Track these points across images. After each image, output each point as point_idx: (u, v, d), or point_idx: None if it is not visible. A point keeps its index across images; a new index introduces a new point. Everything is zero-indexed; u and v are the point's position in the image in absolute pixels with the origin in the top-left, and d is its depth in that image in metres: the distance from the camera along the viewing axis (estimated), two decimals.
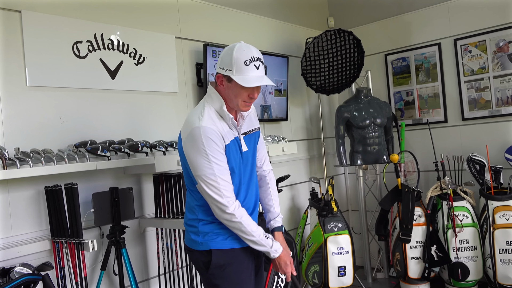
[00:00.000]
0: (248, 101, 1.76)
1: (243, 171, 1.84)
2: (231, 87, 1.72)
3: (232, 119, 1.78)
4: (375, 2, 4.17)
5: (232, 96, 1.74)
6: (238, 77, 1.68)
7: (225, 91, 1.76)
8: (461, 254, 3.28)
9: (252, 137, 1.90)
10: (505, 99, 3.49)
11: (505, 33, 3.46)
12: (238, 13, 3.50)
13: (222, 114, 1.77)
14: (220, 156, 1.71)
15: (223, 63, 1.73)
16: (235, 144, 1.80)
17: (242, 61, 1.68)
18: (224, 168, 1.72)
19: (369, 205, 4.05)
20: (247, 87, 1.70)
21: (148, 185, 2.75)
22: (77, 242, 2.11)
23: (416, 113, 3.96)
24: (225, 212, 1.72)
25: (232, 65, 1.69)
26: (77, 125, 2.45)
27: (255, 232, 1.76)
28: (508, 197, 3.20)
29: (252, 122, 1.92)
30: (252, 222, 1.77)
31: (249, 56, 1.69)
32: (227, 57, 1.72)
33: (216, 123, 1.74)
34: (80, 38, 2.47)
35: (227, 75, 1.71)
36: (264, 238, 1.78)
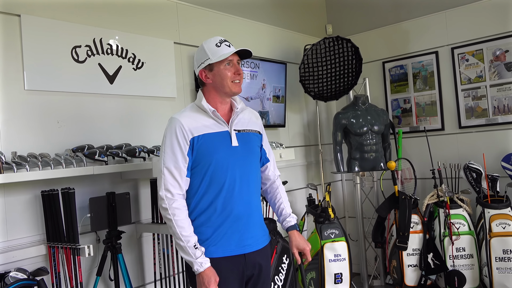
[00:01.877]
0: (236, 79, 1.80)
1: (232, 166, 1.79)
2: (215, 73, 1.79)
3: (214, 112, 1.79)
4: (373, 10, 4.20)
5: (220, 82, 1.79)
6: (216, 57, 1.77)
7: (212, 83, 1.81)
8: (457, 262, 3.28)
9: (247, 136, 1.87)
10: (501, 107, 3.51)
11: (502, 42, 3.48)
12: (237, 19, 3.52)
13: (201, 107, 1.81)
14: (175, 149, 1.73)
15: (199, 59, 1.83)
16: (221, 137, 1.79)
17: (213, 45, 1.80)
18: (173, 161, 1.73)
19: (366, 212, 4.05)
20: (230, 67, 1.79)
21: (145, 190, 2.74)
22: (73, 247, 2.10)
23: (413, 121, 3.97)
24: (161, 206, 1.73)
25: (207, 54, 1.79)
26: (75, 129, 2.45)
27: (184, 237, 1.69)
28: (505, 206, 3.21)
29: (251, 123, 1.92)
30: (186, 225, 1.71)
31: (217, 40, 1.81)
32: (200, 53, 1.83)
33: (191, 115, 1.80)
34: (79, 43, 2.48)
35: (207, 64, 1.79)
36: (193, 247, 1.69)
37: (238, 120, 1.87)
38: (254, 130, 1.93)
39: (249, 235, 1.82)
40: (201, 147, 1.75)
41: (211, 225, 1.76)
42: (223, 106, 1.85)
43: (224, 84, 1.79)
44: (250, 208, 1.84)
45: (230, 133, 1.81)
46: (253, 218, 1.86)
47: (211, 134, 1.77)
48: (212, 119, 1.80)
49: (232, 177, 1.78)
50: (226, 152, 1.78)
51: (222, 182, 1.77)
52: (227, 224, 1.77)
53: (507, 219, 3.17)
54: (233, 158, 1.79)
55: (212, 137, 1.77)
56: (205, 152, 1.75)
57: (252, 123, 1.93)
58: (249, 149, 1.87)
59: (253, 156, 1.91)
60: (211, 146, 1.76)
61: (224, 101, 1.85)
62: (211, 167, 1.76)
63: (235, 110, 1.86)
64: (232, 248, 1.77)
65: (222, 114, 1.83)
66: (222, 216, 1.77)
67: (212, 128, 1.78)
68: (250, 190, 1.85)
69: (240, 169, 1.81)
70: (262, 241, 1.89)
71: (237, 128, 1.85)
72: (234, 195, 1.78)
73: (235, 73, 1.80)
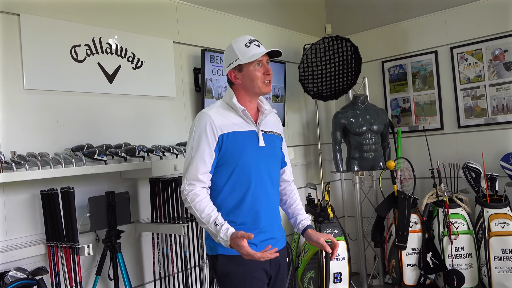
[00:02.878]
0: (266, 79, 1.79)
1: (259, 166, 1.77)
2: (245, 74, 1.78)
3: (244, 111, 1.77)
4: (372, 10, 4.20)
5: (250, 83, 1.78)
6: (246, 58, 1.75)
7: (241, 83, 1.80)
8: (456, 261, 3.29)
9: (271, 138, 1.87)
10: (500, 107, 3.51)
11: (501, 42, 3.49)
12: (236, 19, 3.51)
13: (231, 105, 1.79)
14: (203, 143, 1.71)
15: (229, 59, 1.81)
16: (249, 136, 1.78)
17: (242, 46, 1.77)
18: (200, 156, 1.71)
19: (365, 211, 4.05)
20: (259, 68, 1.77)
21: (145, 189, 2.74)
22: (73, 247, 2.09)
23: (412, 120, 3.98)
24: (183, 197, 1.72)
25: (236, 54, 1.77)
26: (74, 129, 2.45)
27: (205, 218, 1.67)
28: (504, 205, 3.21)
29: (275, 126, 1.92)
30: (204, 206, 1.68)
31: (246, 39, 1.79)
32: (229, 53, 1.81)
33: (221, 111, 1.78)
34: (78, 42, 2.48)
35: (236, 66, 1.78)
36: (213, 225, 1.65)
37: (266, 121, 1.86)
38: (277, 133, 1.93)
39: (272, 235, 1.82)
40: (229, 145, 1.74)
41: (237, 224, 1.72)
42: (251, 105, 1.84)
43: (254, 85, 1.78)
44: (274, 209, 1.85)
45: (258, 133, 1.81)
46: (276, 219, 1.86)
47: (240, 132, 1.76)
48: (241, 117, 1.79)
49: (259, 177, 1.77)
50: (254, 152, 1.77)
51: (248, 182, 1.75)
52: (253, 223, 1.75)
53: (506, 218, 3.17)
54: (259, 158, 1.78)
55: (241, 136, 1.76)
56: (233, 151, 1.74)
57: (275, 126, 1.93)
58: (274, 150, 1.87)
59: (277, 157, 1.91)
60: (239, 145, 1.75)
61: (253, 100, 1.85)
62: (238, 166, 1.74)
63: (263, 111, 1.86)
64: (259, 248, 1.71)
65: (250, 114, 1.81)
66: (248, 216, 1.75)
67: (241, 127, 1.78)
68: (274, 190, 1.86)
69: (266, 169, 1.81)
70: (282, 242, 1.89)
71: (264, 129, 1.84)
72: (260, 195, 1.77)
73: (264, 73, 1.78)
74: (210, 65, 3.06)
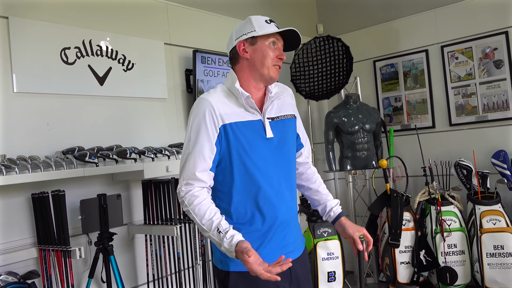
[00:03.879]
0: (278, 63, 1.58)
1: (268, 161, 1.55)
2: (257, 48, 1.56)
3: (249, 98, 1.54)
4: (364, 10, 4.22)
5: (260, 60, 1.56)
6: (263, 31, 1.55)
7: (249, 60, 1.57)
8: (449, 258, 3.31)
9: (281, 124, 1.61)
10: (491, 105, 3.54)
11: (491, 40, 3.51)
12: (227, 20, 3.52)
13: (233, 90, 1.56)
14: (201, 136, 1.50)
15: (241, 31, 1.59)
16: (254, 127, 1.55)
17: (262, 21, 1.58)
18: (199, 150, 1.49)
19: (358, 210, 4.07)
20: (274, 48, 1.56)
21: (137, 191, 2.74)
22: (64, 250, 2.09)
23: (404, 119, 4.00)
24: (180, 200, 1.52)
25: (254, 26, 1.56)
26: (65, 131, 2.44)
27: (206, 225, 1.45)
28: (495, 202, 3.24)
29: (284, 107, 1.66)
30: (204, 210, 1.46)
31: (267, 18, 1.60)
32: (244, 25, 1.60)
33: (222, 98, 1.55)
34: (68, 44, 2.47)
35: (250, 37, 1.56)
36: (217, 232, 1.43)
37: (272, 106, 1.62)
38: (289, 115, 1.66)
39: (291, 240, 1.60)
40: (232, 138, 1.51)
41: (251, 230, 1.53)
42: (256, 92, 1.60)
43: (264, 63, 1.55)
44: (291, 210, 1.62)
45: (264, 122, 1.57)
46: (293, 221, 1.63)
47: (243, 123, 1.53)
48: (243, 106, 1.55)
49: (269, 176, 1.55)
50: (261, 145, 1.54)
51: (258, 183, 1.53)
52: (270, 232, 1.54)
53: (498, 215, 3.20)
54: (268, 151, 1.55)
55: (245, 127, 1.53)
56: (237, 145, 1.51)
57: (286, 106, 1.66)
58: (285, 140, 1.61)
59: (290, 148, 1.65)
60: (244, 138, 1.52)
61: (258, 86, 1.61)
62: (243, 164, 1.52)
63: (268, 95, 1.60)
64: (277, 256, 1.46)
65: (255, 101, 1.58)
66: (265, 223, 1.53)
67: (243, 117, 1.54)
68: (289, 188, 1.62)
69: (277, 165, 1.57)
70: (301, 246, 1.68)
71: (271, 116, 1.59)
72: (275, 197, 1.55)
73: (278, 56, 1.57)
74: (202, 66, 3.06)
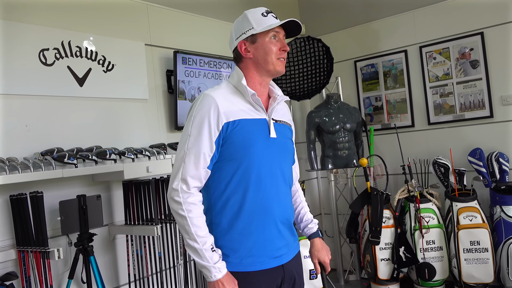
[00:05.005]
0: (282, 56, 1.56)
1: (270, 160, 1.53)
2: (259, 46, 1.54)
3: (254, 95, 1.53)
4: (344, 10, 4.28)
5: (263, 57, 1.54)
6: (261, 27, 1.53)
7: (253, 58, 1.55)
8: (427, 254, 3.38)
9: (283, 128, 1.63)
10: (468, 104, 3.62)
11: (467, 40, 3.60)
12: (207, 20, 3.54)
13: (239, 88, 1.54)
14: (203, 133, 1.46)
15: (240, 29, 1.57)
16: (259, 125, 1.53)
17: (259, 14, 1.55)
18: (198, 147, 1.45)
19: (340, 208, 4.13)
20: (275, 41, 1.54)
21: (118, 192, 2.75)
22: (43, 251, 2.09)
23: (385, 118, 4.07)
24: (173, 199, 1.45)
25: (251, 23, 1.54)
26: (44, 133, 2.44)
27: (200, 238, 1.41)
28: (471, 199, 3.32)
29: (285, 115, 1.69)
30: (202, 224, 1.44)
31: (263, 10, 1.57)
32: (241, 22, 1.58)
33: (227, 96, 1.52)
34: (46, 46, 2.47)
35: (249, 35, 1.54)
36: (210, 250, 1.41)
37: (277, 108, 1.62)
38: (288, 123, 1.69)
39: (285, 243, 1.58)
40: (235, 135, 1.48)
41: (243, 231, 1.49)
42: (262, 89, 1.59)
43: (268, 60, 1.53)
44: (286, 212, 1.60)
45: (269, 122, 1.55)
46: (288, 223, 1.61)
47: (248, 120, 1.50)
48: (250, 103, 1.54)
49: (270, 175, 1.52)
50: (264, 144, 1.52)
51: (258, 181, 1.49)
52: (263, 230, 1.51)
53: (474, 211, 3.28)
54: (270, 151, 1.53)
55: (249, 124, 1.50)
56: (241, 143, 1.48)
57: (286, 115, 1.69)
58: (285, 143, 1.64)
59: (289, 152, 1.67)
60: (248, 135, 1.49)
61: (264, 82, 1.59)
62: (246, 161, 1.48)
63: (275, 97, 1.60)
64: (270, 259, 1.51)
65: (261, 100, 1.56)
66: (257, 221, 1.50)
67: (249, 114, 1.52)
68: (286, 189, 1.61)
69: (278, 165, 1.56)
70: (295, 246, 1.65)
71: (275, 118, 1.60)
72: (272, 196, 1.52)
73: (281, 48, 1.54)
74: (183, 66, 3.08)
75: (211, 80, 3.30)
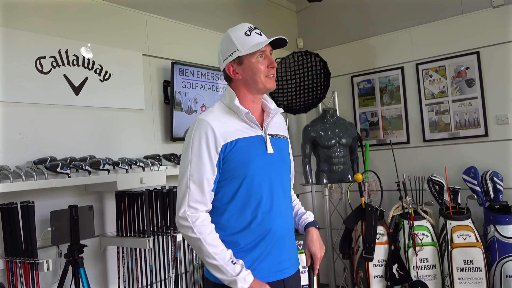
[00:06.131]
0: (271, 73, 1.56)
1: (269, 176, 1.55)
2: (246, 67, 1.55)
3: (248, 114, 1.54)
4: (342, 26, 4.31)
5: (252, 77, 1.55)
6: (247, 49, 1.52)
7: (242, 79, 1.56)
8: (421, 272, 3.36)
9: (279, 142, 1.64)
10: (463, 122, 3.64)
11: (463, 59, 3.62)
12: (206, 32, 3.54)
13: (233, 108, 1.55)
14: (203, 157, 1.47)
15: (226, 51, 1.57)
16: (256, 142, 1.55)
17: (242, 34, 1.55)
18: (201, 172, 1.47)
19: (334, 223, 4.10)
20: (262, 60, 1.55)
21: (111, 202, 2.72)
22: (31, 262, 2.05)
23: (380, 134, 4.07)
24: (182, 225, 1.47)
25: (236, 45, 1.54)
26: (38, 141, 2.41)
27: (219, 254, 1.44)
28: (466, 217, 3.31)
29: (281, 128, 1.70)
30: (216, 241, 1.46)
31: (246, 27, 1.57)
32: (226, 43, 1.58)
33: (222, 117, 1.54)
34: (43, 54, 2.45)
35: (235, 57, 1.54)
36: (230, 263, 1.44)
37: (272, 122, 1.63)
38: (284, 136, 1.70)
39: (287, 257, 1.59)
40: (234, 155, 1.50)
41: (246, 247, 1.51)
42: (255, 106, 1.60)
43: (257, 80, 1.54)
44: (288, 226, 1.62)
45: (265, 138, 1.57)
46: (290, 237, 1.63)
47: (245, 139, 1.52)
48: (245, 122, 1.55)
49: (270, 190, 1.54)
50: (263, 161, 1.54)
51: (259, 197, 1.52)
52: (265, 245, 1.52)
53: (468, 230, 3.27)
54: (269, 167, 1.55)
55: (247, 143, 1.52)
56: (240, 161, 1.50)
57: (282, 128, 1.70)
58: (283, 157, 1.64)
59: (287, 165, 1.68)
60: (246, 154, 1.51)
61: (256, 99, 1.60)
62: (247, 179, 1.50)
63: (269, 112, 1.62)
64: (272, 273, 1.53)
65: (255, 116, 1.57)
66: (259, 236, 1.52)
67: (246, 132, 1.54)
68: (287, 204, 1.63)
69: (277, 180, 1.58)
70: (297, 261, 1.66)
71: (271, 133, 1.61)
72: (273, 211, 1.54)
73: (268, 66, 1.55)
74: (180, 78, 3.07)
75: (208, 92, 3.29)
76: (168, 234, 2.62)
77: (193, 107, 3.19)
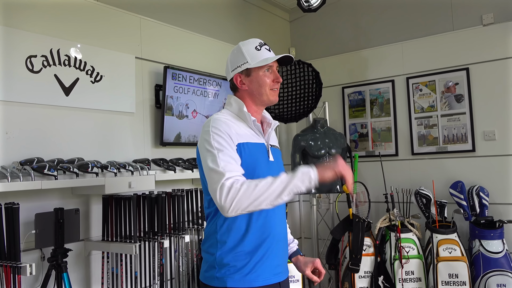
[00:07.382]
0: (275, 87, 1.66)
1: None
2: (253, 79, 1.64)
3: (255, 121, 1.64)
4: (335, 37, 4.34)
5: (257, 89, 1.64)
6: (256, 62, 1.62)
7: (248, 90, 1.66)
8: (406, 285, 3.37)
9: (277, 152, 1.74)
10: (451, 137, 3.68)
11: (453, 75, 3.68)
12: (199, 37, 3.53)
13: (241, 115, 1.65)
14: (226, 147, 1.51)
15: (235, 62, 1.66)
16: (260, 149, 1.64)
17: (252, 48, 1.64)
18: (228, 151, 1.49)
19: (321, 233, 4.10)
20: (269, 74, 1.64)
21: (97, 206, 2.67)
22: (14, 266, 1.99)
23: (369, 145, 4.10)
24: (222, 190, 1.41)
25: (246, 57, 1.63)
26: (25, 141, 2.36)
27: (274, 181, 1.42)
28: (452, 231, 3.34)
29: (275, 139, 1.80)
30: (260, 181, 1.42)
31: (257, 42, 1.66)
32: (236, 55, 1.66)
33: (233, 120, 1.62)
34: (34, 52, 2.41)
35: (244, 69, 1.64)
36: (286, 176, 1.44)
37: (272, 133, 1.75)
38: (278, 147, 1.80)
39: (282, 261, 1.66)
40: (244, 157, 1.55)
41: (249, 249, 1.56)
42: (257, 116, 1.70)
43: (262, 92, 1.64)
44: (284, 231, 1.71)
45: (267, 146, 1.67)
46: (285, 242, 1.71)
47: (253, 144, 1.61)
48: (251, 129, 1.64)
49: None
50: (265, 167, 1.62)
51: None
52: (266, 248, 1.58)
53: (454, 244, 3.30)
54: (271, 174, 1.56)
55: (254, 148, 1.61)
56: (248, 164, 1.55)
57: (275, 139, 1.81)
58: (280, 166, 1.73)
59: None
60: (254, 158, 1.59)
61: (259, 110, 1.70)
62: None
63: (269, 123, 1.73)
64: (271, 275, 1.58)
65: None
66: (261, 239, 1.57)
67: (252, 138, 1.62)
68: (282, 210, 1.72)
69: None
70: (287, 269, 1.72)
71: (270, 143, 1.72)
72: (274, 215, 1.62)
73: (274, 80, 1.65)
74: (172, 82, 3.05)
75: (199, 97, 3.27)
76: (155, 240, 2.58)
77: (184, 112, 3.16)
